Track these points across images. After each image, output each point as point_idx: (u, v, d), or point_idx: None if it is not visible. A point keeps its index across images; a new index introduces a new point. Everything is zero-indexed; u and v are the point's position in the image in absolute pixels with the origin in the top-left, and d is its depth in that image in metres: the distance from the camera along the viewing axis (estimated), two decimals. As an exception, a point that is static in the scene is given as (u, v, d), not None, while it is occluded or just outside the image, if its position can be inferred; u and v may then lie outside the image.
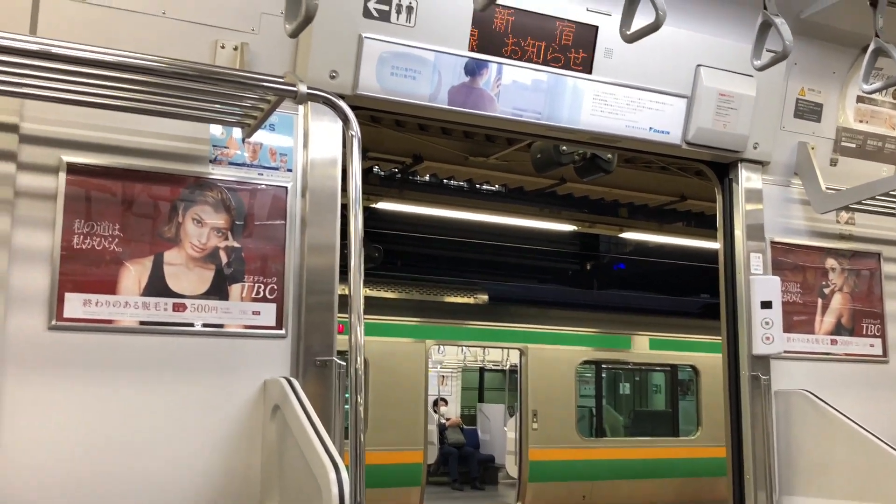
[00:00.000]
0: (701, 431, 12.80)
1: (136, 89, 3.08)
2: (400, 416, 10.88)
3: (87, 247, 3.34)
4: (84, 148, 3.39)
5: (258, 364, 3.55)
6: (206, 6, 3.58)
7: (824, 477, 4.38)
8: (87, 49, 2.83)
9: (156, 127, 3.46)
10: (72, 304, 3.29)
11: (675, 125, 4.42)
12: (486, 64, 3.98)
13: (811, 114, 4.91)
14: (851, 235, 5.10)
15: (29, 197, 3.28)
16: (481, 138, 9.03)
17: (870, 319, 5.07)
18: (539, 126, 4.22)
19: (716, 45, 4.41)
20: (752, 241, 4.73)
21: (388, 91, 3.82)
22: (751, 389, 4.57)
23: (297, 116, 3.78)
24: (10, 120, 3.24)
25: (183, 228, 3.51)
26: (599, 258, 20.06)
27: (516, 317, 12.44)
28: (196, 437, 3.41)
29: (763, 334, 4.55)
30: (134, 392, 3.34)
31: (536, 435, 11.67)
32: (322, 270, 3.71)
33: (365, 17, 3.72)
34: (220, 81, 3.07)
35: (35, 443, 3.18)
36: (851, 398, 4.63)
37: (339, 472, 2.73)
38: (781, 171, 4.88)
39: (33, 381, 3.20)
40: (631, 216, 12.32)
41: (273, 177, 3.70)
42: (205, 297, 3.51)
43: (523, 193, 11.31)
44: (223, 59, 3.58)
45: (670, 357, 13.36)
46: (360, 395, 2.89)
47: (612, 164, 7.91)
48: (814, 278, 4.93)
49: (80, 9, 3.32)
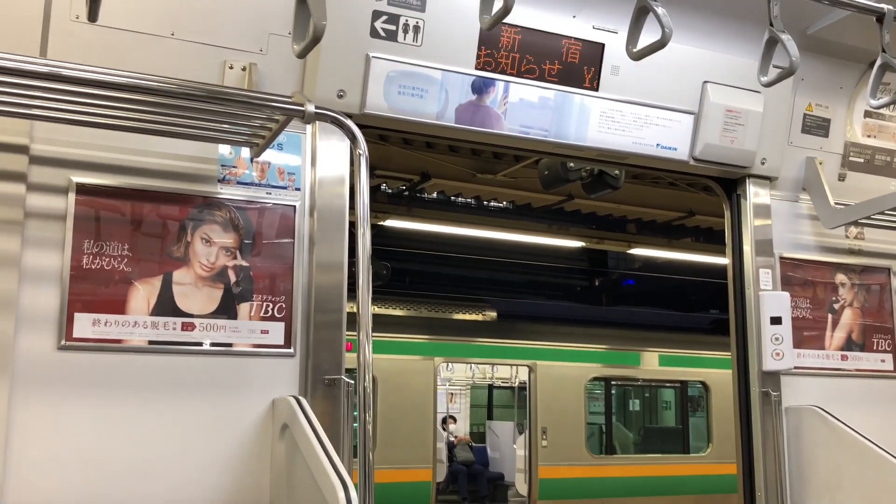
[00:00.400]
0: (711, 448, 12.73)
1: (144, 110, 3.09)
2: (409, 433, 10.86)
3: (96, 267, 3.35)
4: (93, 168, 3.41)
5: (267, 383, 3.54)
6: (214, 27, 3.61)
7: (836, 494, 4.35)
8: (96, 70, 2.85)
9: (164, 147, 3.48)
10: (81, 324, 3.30)
11: (682, 141, 4.42)
12: (493, 82, 3.99)
13: (819, 129, 4.90)
14: (861, 250, 5.08)
15: (38, 217, 3.29)
16: (489, 156, 9.06)
17: (880, 335, 5.04)
18: (546, 143, 4.23)
19: (722, 61, 4.42)
20: (760, 256, 4.71)
21: (395, 110, 3.84)
22: (761, 406, 4.55)
23: (306, 136, 3.80)
24: (20, 141, 3.26)
25: (192, 248, 3.52)
26: (608, 274, 20.02)
27: (525, 333, 12.43)
28: (205, 457, 3.41)
29: (773, 350, 4.52)
30: (143, 412, 3.34)
31: (546, 452, 11.63)
32: (330, 288, 3.71)
33: (372, 37, 3.74)
34: (228, 102, 3.08)
35: (44, 463, 3.18)
36: (863, 414, 4.60)
37: (347, 491, 2.72)
38: (790, 186, 4.87)
39: (42, 401, 3.21)
40: (639, 232, 12.33)
41: (281, 196, 3.72)
42: (213, 316, 3.51)
43: (531, 210, 11.33)
44: (231, 80, 3.60)
45: (680, 373, 13.32)
46: (368, 413, 2.89)
47: (620, 180, 7.92)
48: (823, 293, 4.91)
49: (89, 31, 3.34)
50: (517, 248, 15.40)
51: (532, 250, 16.28)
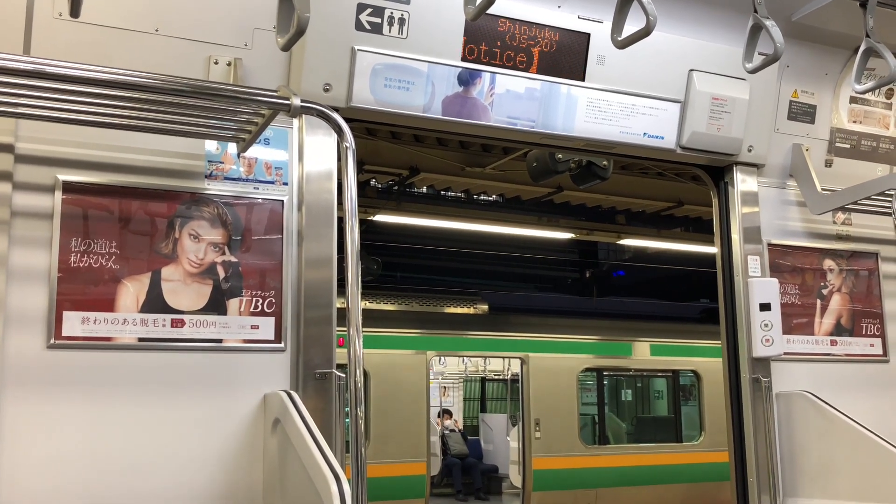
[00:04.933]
0: (704, 436, 12.78)
1: (130, 106, 3.09)
2: (402, 428, 10.87)
3: (84, 265, 3.34)
4: (79, 166, 3.39)
5: (258, 378, 3.54)
6: (198, 23, 3.59)
7: (828, 478, 4.38)
8: (81, 67, 2.84)
9: (151, 144, 3.47)
10: (70, 322, 3.29)
11: (669, 130, 4.43)
12: (479, 73, 3.99)
13: (805, 115, 4.92)
14: (849, 236, 5.11)
15: (25, 216, 3.28)
16: (477, 149, 9.05)
17: (869, 319, 5.07)
18: (534, 134, 4.23)
19: (707, 49, 4.43)
20: (749, 243, 4.73)
21: (381, 103, 3.83)
22: (752, 392, 4.57)
23: (292, 130, 3.79)
24: (6, 140, 3.25)
25: (180, 244, 3.51)
26: (598, 265, 20.07)
27: (516, 326, 12.44)
28: (197, 453, 3.40)
29: (763, 336, 4.54)
30: (134, 409, 3.34)
31: (539, 444, 11.66)
32: (320, 284, 3.71)
33: (357, 30, 3.73)
34: (213, 96, 3.07)
35: (35, 462, 3.17)
36: (853, 398, 4.63)
37: (340, 484, 2.73)
38: (777, 173, 4.89)
39: (33, 400, 3.20)
40: (629, 223, 12.35)
41: (269, 191, 3.71)
42: (203, 312, 3.51)
43: (520, 203, 11.35)
44: (217, 75, 3.59)
45: (672, 363, 13.36)
46: (360, 407, 2.89)
47: (609, 170, 7.91)
48: (812, 279, 4.94)
49: (73, 28, 3.32)
50: (507, 240, 15.45)
51: (522, 243, 16.32)
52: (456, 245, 15.18)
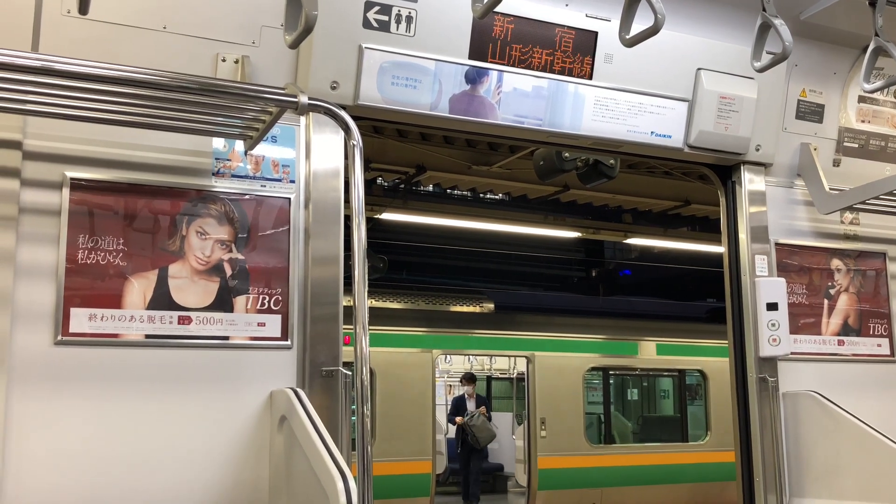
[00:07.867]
0: (710, 436, 12.76)
1: (138, 104, 3.09)
2: (408, 426, 10.87)
3: (91, 262, 3.35)
4: (87, 163, 3.40)
5: (264, 375, 3.55)
6: (206, 20, 3.60)
7: (834, 478, 4.36)
8: (89, 64, 2.84)
9: (158, 141, 3.48)
10: (77, 318, 3.30)
11: (676, 129, 4.42)
12: (487, 72, 3.99)
13: (813, 115, 4.90)
14: (856, 235, 5.09)
15: (33, 213, 3.29)
16: (484, 147, 9.05)
17: (877, 319, 5.05)
18: (541, 132, 4.23)
19: (716, 48, 4.42)
20: (756, 243, 4.71)
21: (389, 101, 3.83)
22: (758, 392, 4.56)
23: (299, 128, 3.79)
24: (13, 137, 3.25)
25: (187, 241, 3.52)
26: (604, 264, 20.04)
27: (522, 325, 12.44)
28: (203, 450, 3.41)
29: (769, 336, 4.53)
30: (141, 406, 3.34)
31: (545, 443, 11.65)
32: (326, 281, 3.71)
33: (365, 28, 3.73)
34: (221, 94, 3.08)
35: (42, 458, 3.18)
36: (860, 398, 4.62)
37: (346, 481, 2.73)
38: (784, 172, 4.87)
39: (40, 396, 3.21)
40: (635, 222, 12.32)
41: (276, 188, 3.71)
42: (210, 309, 3.51)
43: (527, 201, 11.33)
44: (224, 73, 3.59)
45: (678, 362, 13.34)
46: (366, 405, 2.89)
47: (615, 169, 7.92)
48: (819, 279, 4.92)
49: (81, 25, 3.33)
50: (514, 239, 15.42)
51: (528, 242, 16.30)
52: (462, 244, 15.17)
